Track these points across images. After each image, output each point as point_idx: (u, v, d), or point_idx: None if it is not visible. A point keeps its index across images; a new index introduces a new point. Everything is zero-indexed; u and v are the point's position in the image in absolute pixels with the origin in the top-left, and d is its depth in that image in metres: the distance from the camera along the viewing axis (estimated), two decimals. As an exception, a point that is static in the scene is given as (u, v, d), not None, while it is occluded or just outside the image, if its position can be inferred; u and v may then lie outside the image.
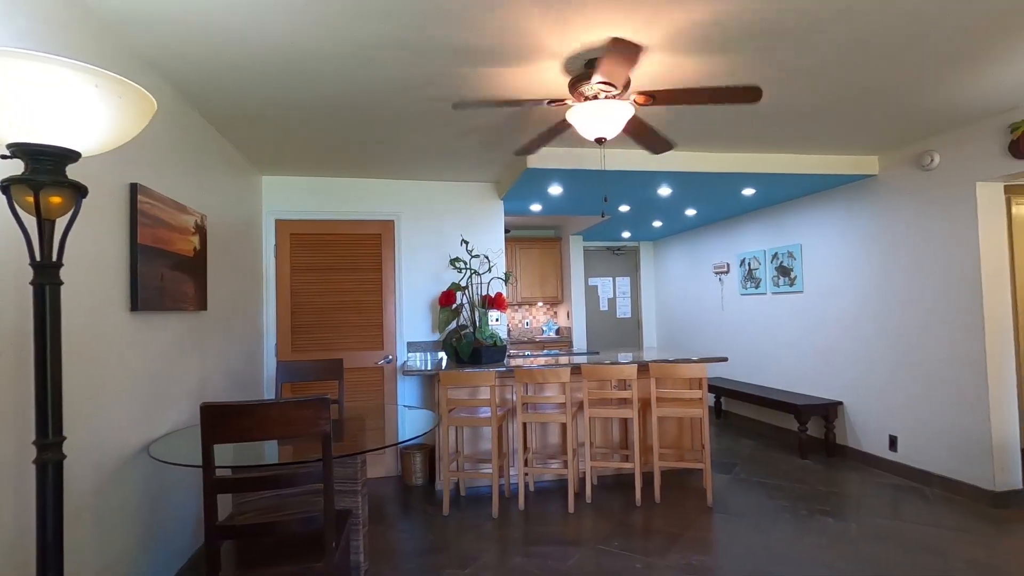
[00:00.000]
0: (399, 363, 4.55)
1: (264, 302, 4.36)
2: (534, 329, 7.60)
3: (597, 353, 4.89)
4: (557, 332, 7.51)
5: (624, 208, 5.50)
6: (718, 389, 5.90)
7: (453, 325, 4.40)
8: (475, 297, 4.42)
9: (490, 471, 3.56)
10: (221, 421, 1.67)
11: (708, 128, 3.48)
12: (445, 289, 4.46)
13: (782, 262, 5.41)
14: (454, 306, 4.28)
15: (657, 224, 6.64)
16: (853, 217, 4.57)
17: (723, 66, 2.56)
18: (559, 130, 2.71)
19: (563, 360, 4.27)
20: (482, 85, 2.73)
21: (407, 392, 4.58)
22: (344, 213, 4.55)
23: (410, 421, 2.74)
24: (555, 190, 4.53)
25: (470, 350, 3.95)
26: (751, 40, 2.31)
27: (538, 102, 2.52)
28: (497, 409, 3.61)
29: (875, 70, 2.66)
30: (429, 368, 3.84)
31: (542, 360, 4.33)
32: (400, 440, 2.22)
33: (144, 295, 2.29)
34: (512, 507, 3.66)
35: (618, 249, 8.27)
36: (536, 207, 5.30)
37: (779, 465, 4.47)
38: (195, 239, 2.84)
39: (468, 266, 4.39)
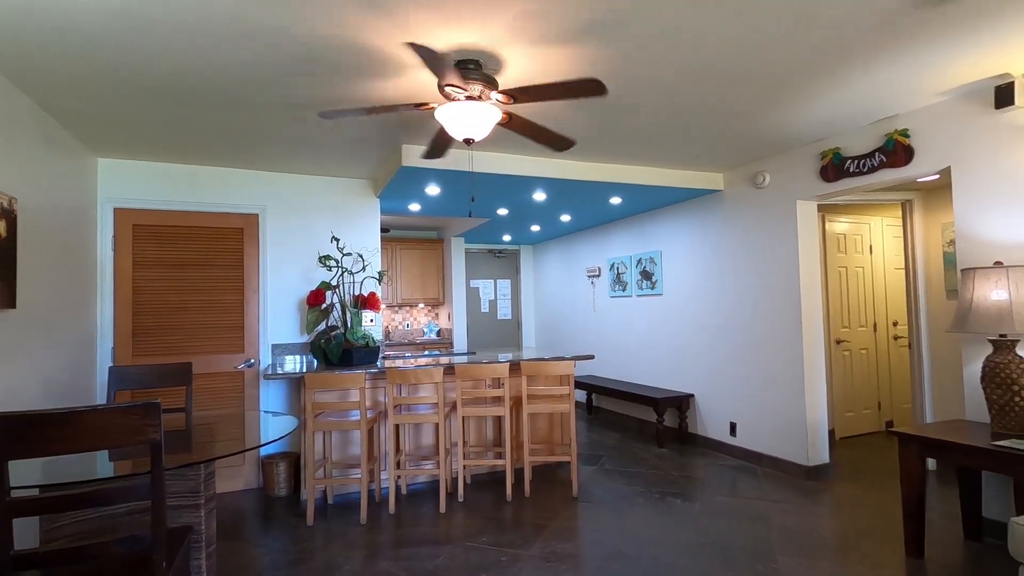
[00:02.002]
0: (262, 367, 4.25)
1: (99, 300, 3.85)
2: (415, 331, 7.50)
3: (475, 353, 4.94)
4: (438, 334, 7.47)
5: (503, 211, 5.63)
6: (589, 386, 6.24)
7: (323, 326, 4.21)
8: (347, 297, 4.27)
9: (359, 476, 3.45)
10: (17, 433, 1.45)
11: (576, 136, 3.67)
12: (315, 288, 4.26)
13: (645, 267, 5.87)
14: (323, 306, 4.09)
15: (535, 228, 6.88)
16: (703, 228, 5.09)
17: (583, 70, 2.72)
18: (448, 134, 2.71)
19: (443, 360, 4.26)
20: (350, 86, 2.64)
21: (272, 398, 4.29)
22: (200, 204, 4.16)
23: (273, 428, 2.57)
24: (433, 190, 4.51)
25: (340, 351, 3.80)
26: (593, 32, 2.46)
27: (406, 107, 2.50)
28: (367, 412, 3.51)
29: (715, 93, 2.99)
30: (299, 371, 3.63)
31: (423, 361, 4.28)
32: (249, 447, 2.07)
33: (-78, 289, 1.92)
34: (382, 512, 3.57)
35: (499, 252, 8.43)
36: (415, 207, 5.25)
37: (639, 454, 4.83)
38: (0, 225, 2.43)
39: (340, 264, 4.22)
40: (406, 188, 4.41)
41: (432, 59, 2.08)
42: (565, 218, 6.14)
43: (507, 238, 7.72)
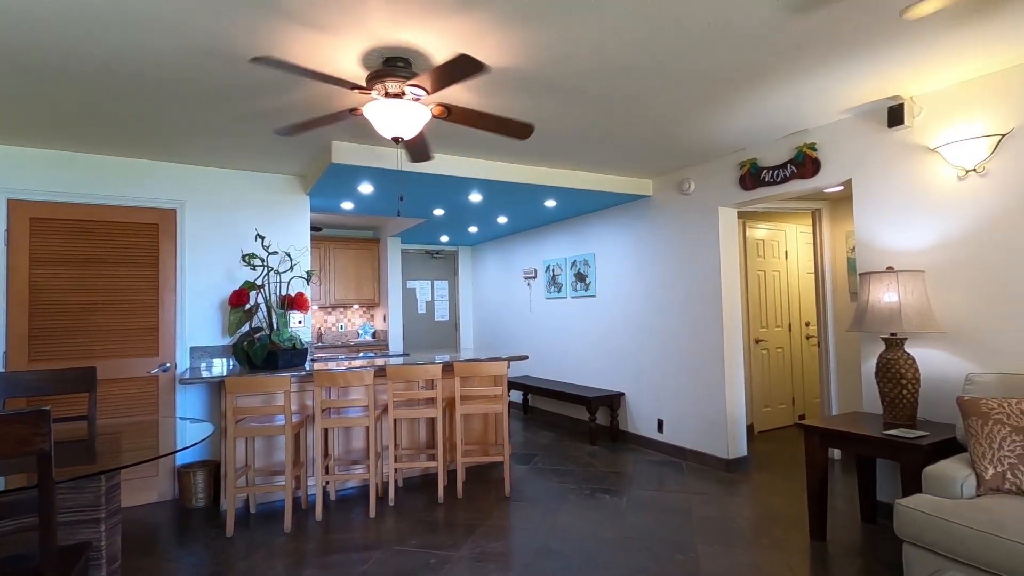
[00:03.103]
0: (179, 371, 4.01)
1: (-12, 300, 3.51)
2: (349, 332, 7.31)
3: (409, 355, 4.87)
4: (373, 335, 7.32)
5: (439, 212, 5.59)
6: (525, 387, 6.30)
7: (246, 328, 4.02)
8: (273, 297, 4.10)
9: (284, 483, 3.31)
10: None
11: (510, 140, 3.71)
12: (238, 288, 4.06)
13: (579, 269, 6.00)
14: (247, 307, 3.91)
15: (473, 229, 6.88)
16: (634, 231, 5.26)
17: (512, 98, 2.76)
18: (339, 118, 2.63)
19: (377, 362, 4.17)
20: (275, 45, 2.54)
21: (191, 404, 4.05)
22: (110, 197, 3.88)
23: (190, 436, 2.43)
24: (365, 188, 4.42)
25: (264, 354, 3.65)
26: (542, 84, 2.52)
27: (344, 83, 2.43)
28: (293, 416, 3.39)
29: (644, 107, 3.10)
30: (220, 374, 3.45)
31: (356, 363, 4.17)
32: (156, 456, 1.95)
33: None
34: (309, 519, 3.46)
35: (437, 253, 8.37)
36: (348, 205, 5.12)
37: (572, 452, 4.93)
38: None
39: (265, 263, 4.05)
40: (337, 186, 4.29)
41: (468, 71, 2.11)
42: (502, 220, 6.18)
43: (445, 239, 7.67)
